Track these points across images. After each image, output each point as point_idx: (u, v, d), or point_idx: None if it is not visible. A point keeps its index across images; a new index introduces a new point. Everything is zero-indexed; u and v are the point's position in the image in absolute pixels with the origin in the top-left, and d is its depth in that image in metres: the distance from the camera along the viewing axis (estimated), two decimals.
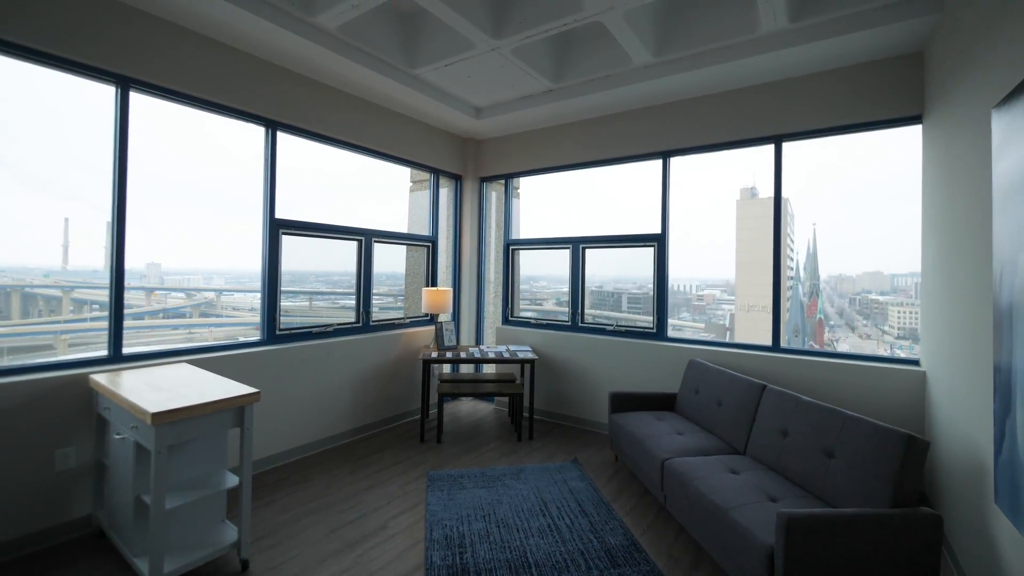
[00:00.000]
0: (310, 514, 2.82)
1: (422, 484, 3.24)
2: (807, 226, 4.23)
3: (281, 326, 3.59)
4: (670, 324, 4.20)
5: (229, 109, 3.23)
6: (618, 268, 4.72)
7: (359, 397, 4.10)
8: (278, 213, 3.55)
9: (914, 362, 3.14)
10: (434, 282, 5.02)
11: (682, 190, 4.19)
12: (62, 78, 2.61)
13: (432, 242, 5.03)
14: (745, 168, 4.11)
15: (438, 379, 4.48)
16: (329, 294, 4.45)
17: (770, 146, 3.66)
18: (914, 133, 3.18)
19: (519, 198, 5.41)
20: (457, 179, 5.27)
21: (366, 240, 4.24)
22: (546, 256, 5.07)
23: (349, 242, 4.16)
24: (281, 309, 3.59)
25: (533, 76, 3.80)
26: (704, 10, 3.18)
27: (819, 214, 4.13)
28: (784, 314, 3.72)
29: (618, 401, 3.64)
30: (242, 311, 3.87)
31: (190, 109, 3.09)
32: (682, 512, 2.57)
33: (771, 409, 2.81)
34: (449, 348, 4.47)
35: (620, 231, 4.48)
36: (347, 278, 4.26)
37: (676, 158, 4.15)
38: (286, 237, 3.62)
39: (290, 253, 3.65)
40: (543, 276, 5.38)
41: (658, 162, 4.20)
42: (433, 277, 5.01)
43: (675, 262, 4.20)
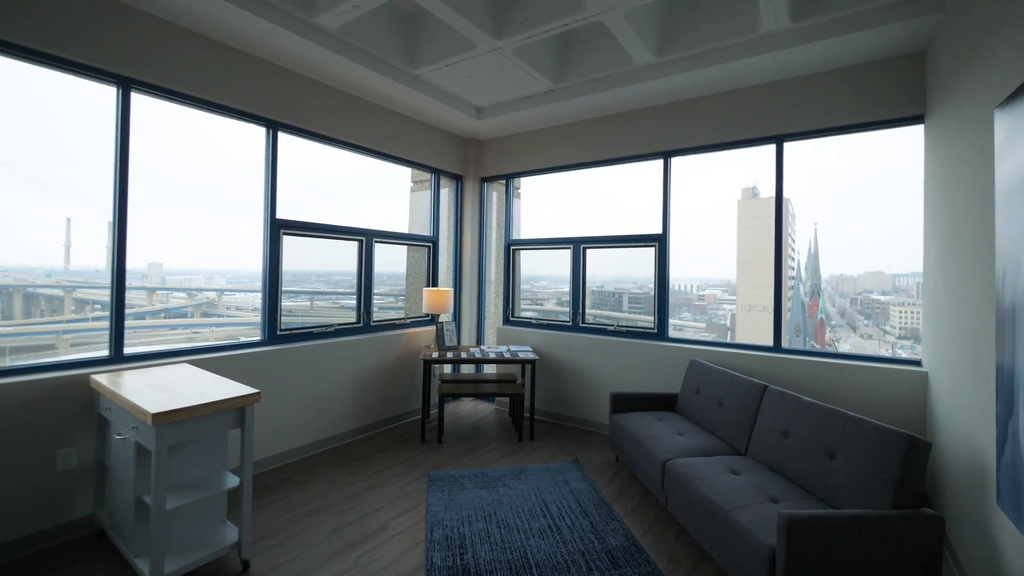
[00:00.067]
0: (311, 515, 2.82)
1: (423, 485, 3.24)
2: (808, 226, 4.22)
3: (282, 326, 3.59)
4: (671, 324, 4.20)
5: (230, 110, 3.23)
6: (619, 268, 4.71)
7: (360, 397, 4.10)
8: (279, 213, 3.55)
9: (916, 363, 3.14)
10: (435, 282, 5.02)
11: (683, 190, 4.19)
12: (63, 79, 2.61)
13: (433, 242, 5.03)
14: (746, 168, 4.11)
15: (439, 379, 4.48)
16: (330, 294, 4.45)
17: (771, 146, 3.66)
18: (915, 132, 3.17)
19: (520, 198, 5.41)
20: (458, 179, 5.27)
21: (367, 240, 4.25)
22: (547, 256, 5.07)
23: (350, 242, 4.16)
24: (282, 309, 3.60)
25: (534, 76, 3.80)
26: (705, 10, 3.18)
27: (820, 214, 4.12)
28: (785, 314, 3.71)
29: (619, 401, 3.64)
30: (245, 311, 3.87)
31: (191, 110, 3.10)
32: (683, 513, 2.56)
33: (772, 410, 2.81)
34: (450, 348, 4.47)
35: (621, 231, 4.47)
36: (348, 278, 4.26)
37: (677, 158, 4.14)
38: (287, 237, 3.62)
39: (291, 253, 3.66)
40: (544, 276, 5.38)
41: (659, 162, 4.20)
42: (434, 277, 5.01)
43: (676, 262, 4.20)
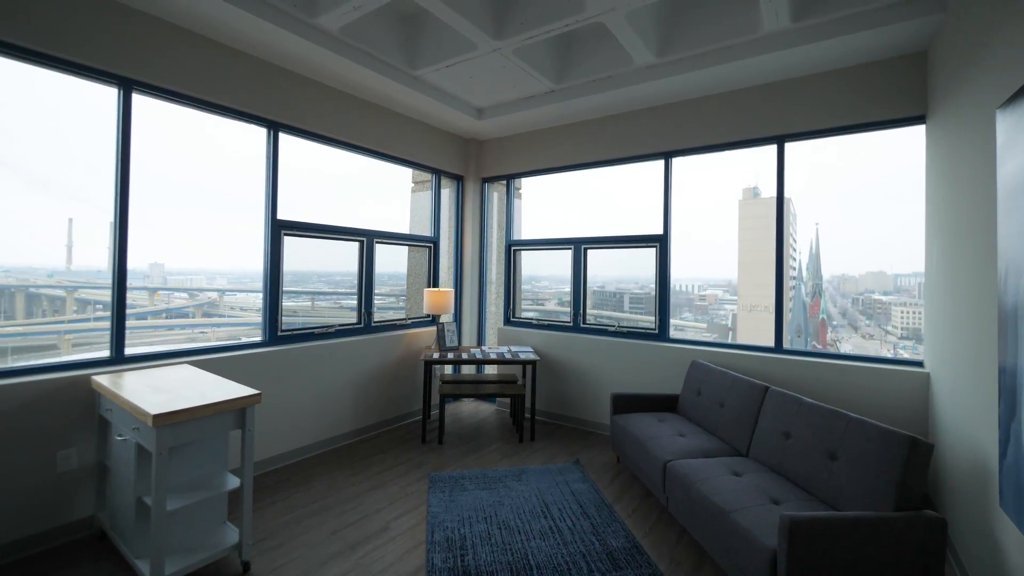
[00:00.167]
0: (311, 516, 2.82)
1: (423, 485, 3.23)
2: (810, 226, 4.21)
3: (283, 327, 3.59)
4: (672, 324, 4.19)
5: (231, 110, 3.23)
6: (620, 268, 4.71)
7: (360, 398, 4.10)
8: (280, 214, 3.55)
9: (918, 363, 3.13)
10: (436, 283, 5.02)
11: (684, 190, 4.18)
12: (65, 80, 2.61)
13: (434, 243, 5.02)
14: (747, 168, 4.10)
15: (439, 380, 4.47)
16: (331, 294, 4.45)
17: (772, 146, 3.65)
18: (917, 132, 3.16)
19: (521, 199, 5.41)
20: (459, 180, 5.27)
21: (368, 241, 4.24)
22: (548, 256, 5.06)
23: (351, 243, 4.16)
24: (283, 310, 3.60)
25: (535, 77, 3.79)
26: (706, 10, 3.17)
27: (821, 214, 4.11)
28: (787, 314, 3.70)
29: (620, 402, 3.63)
30: (249, 311, 3.87)
31: (192, 110, 3.10)
32: (684, 514, 2.56)
33: (774, 411, 2.80)
34: (451, 349, 4.47)
35: (622, 231, 4.47)
36: (349, 278, 4.26)
37: (678, 158, 4.14)
38: (288, 238, 3.62)
39: (292, 253, 3.66)
40: (545, 276, 5.37)
41: (660, 162, 4.19)
42: (435, 278, 5.01)
43: (677, 262, 4.20)
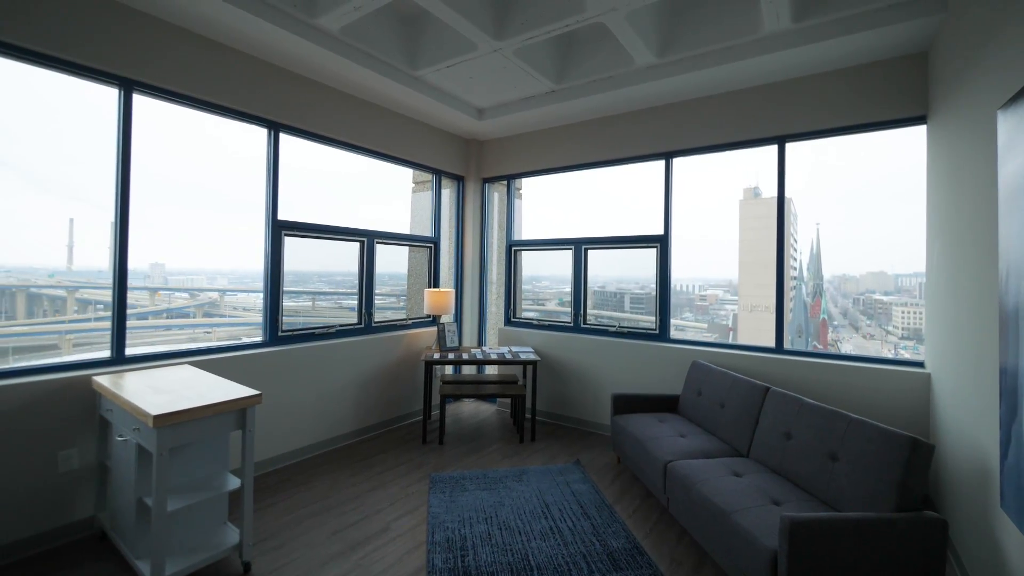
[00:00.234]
0: (312, 516, 2.82)
1: (424, 486, 3.23)
2: (810, 226, 4.20)
3: (283, 327, 3.59)
4: (673, 324, 4.19)
5: (232, 111, 3.24)
6: (621, 268, 4.71)
7: (361, 399, 4.10)
8: (280, 214, 3.55)
9: (919, 364, 3.12)
10: (436, 283, 5.02)
11: (685, 190, 4.18)
12: (65, 80, 2.62)
13: (434, 243, 5.03)
14: (748, 168, 4.09)
15: (440, 380, 4.48)
16: (332, 294, 4.45)
17: (773, 147, 3.65)
18: (917, 132, 3.16)
19: (521, 199, 5.41)
20: (459, 180, 5.27)
21: (368, 242, 4.25)
22: (548, 257, 5.06)
23: (351, 243, 4.17)
24: (284, 310, 3.60)
25: (535, 77, 3.79)
26: (707, 11, 3.17)
27: (822, 214, 4.10)
28: (787, 314, 3.70)
29: (620, 403, 3.63)
30: (250, 311, 3.87)
31: (193, 111, 3.10)
32: (685, 515, 2.56)
33: (774, 411, 2.80)
34: (451, 349, 4.47)
35: (623, 232, 4.46)
36: (350, 278, 4.26)
37: (679, 158, 4.14)
38: (288, 238, 3.62)
39: (292, 254, 3.66)
40: (546, 276, 5.37)
41: (661, 163, 4.19)
42: (435, 278, 5.01)
43: (678, 262, 4.19)
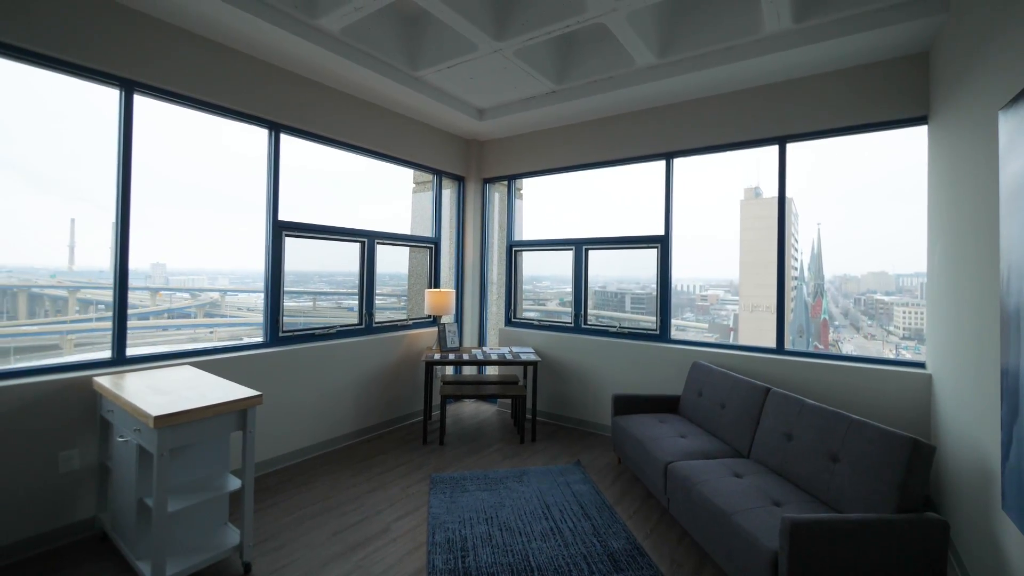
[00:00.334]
0: (312, 517, 2.82)
1: (424, 487, 3.23)
2: (811, 226, 4.21)
3: (284, 328, 3.60)
4: (673, 324, 4.19)
5: (232, 111, 3.24)
6: (621, 268, 4.71)
7: (362, 399, 4.10)
8: (281, 215, 3.55)
9: (920, 365, 3.12)
10: (437, 283, 5.02)
11: (686, 190, 4.18)
12: (67, 81, 2.62)
13: (435, 243, 5.03)
14: (749, 168, 4.10)
15: (441, 381, 4.48)
16: (332, 294, 4.46)
17: (774, 147, 3.64)
18: (919, 133, 3.15)
19: (522, 199, 5.41)
20: (460, 180, 5.27)
21: (369, 242, 4.25)
22: (549, 257, 5.06)
23: (352, 244, 4.17)
24: (284, 311, 3.60)
25: (536, 78, 3.79)
26: (707, 11, 3.17)
27: (823, 214, 4.11)
28: (788, 315, 3.70)
29: (621, 403, 3.63)
30: (252, 311, 3.87)
31: (194, 112, 3.11)
32: (685, 516, 2.56)
33: (775, 412, 2.80)
34: (452, 350, 4.46)
35: (623, 232, 4.46)
36: (350, 278, 4.26)
37: (679, 159, 4.13)
38: (289, 239, 3.62)
39: (293, 254, 3.66)
40: (546, 276, 5.37)
41: (661, 163, 4.19)
42: (436, 278, 5.01)
43: (678, 262, 4.19)
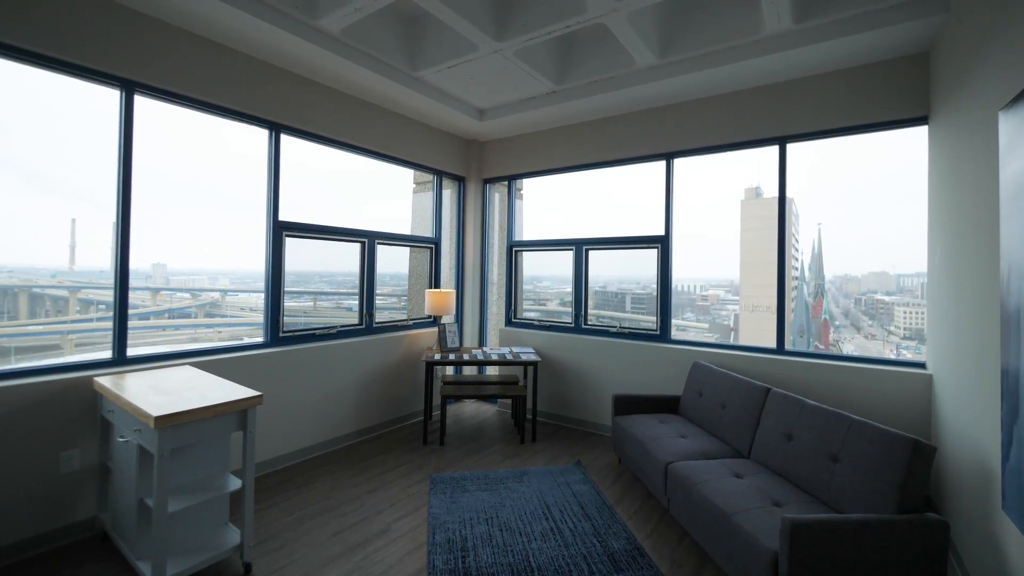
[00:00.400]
0: (313, 517, 2.83)
1: (425, 487, 3.24)
2: (812, 226, 4.20)
3: (284, 328, 3.60)
4: (674, 324, 4.19)
5: (233, 112, 3.24)
6: (622, 268, 4.71)
7: (362, 399, 4.10)
8: (281, 215, 3.55)
9: (920, 365, 3.12)
10: (437, 284, 5.02)
11: (686, 190, 4.18)
12: (67, 82, 2.62)
13: (435, 243, 5.03)
14: (749, 168, 4.10)
15: (441, 381, 4.48)
16: (333, 294, 4.46)
17: (774, 147, 3.64)
18: (919, 133, 3.15)
19: (522, 199, 5.41)
20: (460, 180, 5.27)
21: (369, 242, 4.25)
22: (549, 257, 5.06)
23: (352, 244, 4.17)
24: (285, 311, 3.60)
25: (536, 78, 3.79)
26: (708, 11, 3.17)
27: (823, 214, 4.11)
28: (789, 315, 3.70)
29: (621, 403, 3.63)
30: (253, 311, 3.87)
31: (194, 112, 3.11)
32: (686, 516, 2.56)
33: (775, 412, 2.80)
34: (452, 350, 4.47)
35: (624, 232, 4.46)
36: (351, 278, 4.26)
37: (680, 159, 4.13)
38: (289, 239, 3.62)
39: (293, 254, 3.66)
40: (546, 276, 5.37)
41: (662, 163, 4.19)
42: (436, 279, 5.01)
43: (679, 262, 4.19)
